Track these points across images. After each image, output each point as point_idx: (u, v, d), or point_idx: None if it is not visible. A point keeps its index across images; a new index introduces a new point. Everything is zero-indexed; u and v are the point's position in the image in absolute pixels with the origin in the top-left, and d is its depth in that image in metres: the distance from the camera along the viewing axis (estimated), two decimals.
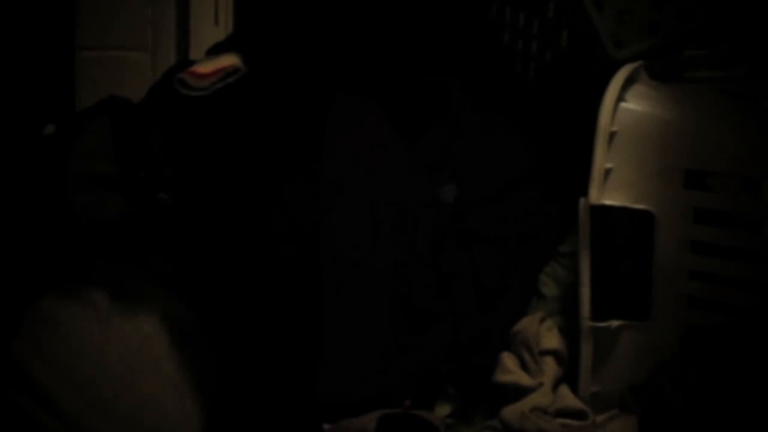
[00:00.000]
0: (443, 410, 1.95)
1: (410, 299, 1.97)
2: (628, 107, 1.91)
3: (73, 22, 2.34)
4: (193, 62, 2.15)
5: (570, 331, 1.98)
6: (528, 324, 1.95)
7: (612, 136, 1.89)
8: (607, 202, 1.89)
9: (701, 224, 1.90)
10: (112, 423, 1.93)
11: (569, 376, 1.95)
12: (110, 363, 1.96)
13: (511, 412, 1.85)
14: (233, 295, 1.96)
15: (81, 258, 2.04)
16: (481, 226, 2.02)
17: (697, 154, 1.89)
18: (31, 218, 2.04)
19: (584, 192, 1.93)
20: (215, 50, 2.18)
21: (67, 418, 1.93)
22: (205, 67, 2.09)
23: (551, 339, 1.93)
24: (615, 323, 1.92)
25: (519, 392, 1.91)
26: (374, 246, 2.00)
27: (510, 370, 1.93)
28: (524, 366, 1.93)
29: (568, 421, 1.88)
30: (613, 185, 1.90)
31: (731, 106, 1.96)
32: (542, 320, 1.96)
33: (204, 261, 1.99)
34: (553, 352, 1.93)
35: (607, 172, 1.89)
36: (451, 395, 1.97)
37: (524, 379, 1.92)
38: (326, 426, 1.86)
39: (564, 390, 1.92)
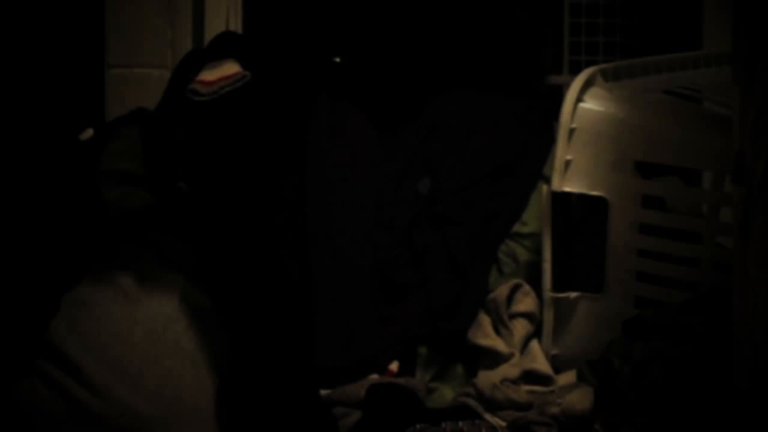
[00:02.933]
0: (426, 376, 1.95)
1: (388, 274, 1.98)
2: (585, 107, 1.93)
3: (102, 43, 2.34)
4: (198, 59, 2.18)
5: None
6: (499, 292, 1.96)
7: (572, 132, 1.91)
8: (567, 189, 1.92)
9: (649, 209, 1.92)
10: (137, 394, 1.93)
11: None
12: (137, 341, 1.96)
13: (484, 382, 1.86)
14: (240, 274, 1.96)
15: (111, 247, 2.04)
16: (451, 210, 2.03)
17: (646, 147, 1.91)
18: (69, 211, 2.05)
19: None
20: (197, 57, 2.20)
21: (98, 390, 1.92)
22: (211, 76, 2.11)
23: (527, 302, 1.94)
24: (573, 295, 1.95)
25: (494, 357, 1.92)
26: (356, 232, 2.00)
27: (488, 334, 1.93)
28: (496, 329, 1.94)
29: (534, 387, 1.88)
30: (572, 175, 1.92)
31: (676, 106, 1.98)
32: (516, 287, 1.97)
33: (215, 241, 1.99)
34: (526, 314, 1.94)
35: (568, 163, 1.91)
36: (430, 361, 1.96)
37: (500, 346, 1.92)
38: (323, 391, 1.86)
39: (535, 348, 1.93)
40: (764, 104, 1.39)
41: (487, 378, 1.87)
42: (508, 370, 1.89)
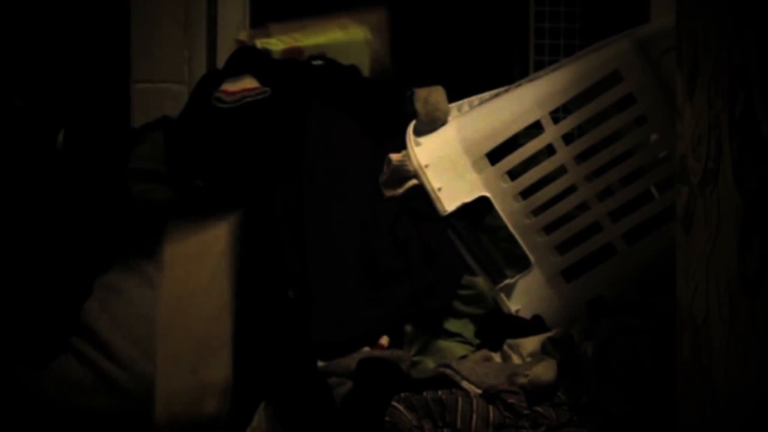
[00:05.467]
0: (412, 351, 1.94)
1: (375, 263, 1.96)
2: (422, 146, 2.01)
3: (128, 62, 2.35)
4: (216, 76, 2.17)
5: None
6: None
7: (427, 167, 1.98)
8: (452, 208, 1.97)
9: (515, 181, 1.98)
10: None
11: None
12: (159, 322, 1.96)
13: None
14: (247, 263, 1.94)
15: (137, 237, 2.03)
16: (425, 207, 2.00)
17: (482, 141, 1.98)
18: (101, 204, 2.06)
19: None
20: (217, 74, 2.19)
21: (124, 364, 1.91)
22: (233, 87, 2.10)
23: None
24: (511, 280, 1.97)
25: None
26: (347, 226, 1.99)
27: None
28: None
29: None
30: (449, 195, 1.98)
31: (482, 103, 2.08)
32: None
33: None
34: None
35: (441, 189, 1.98)
36: (415, 338, 1.95)
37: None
38: (320, 363, 1.85)
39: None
40: (703, 115, 1.38)
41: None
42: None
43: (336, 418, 1.75)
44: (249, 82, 2.11)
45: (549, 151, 1.98)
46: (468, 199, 1.97)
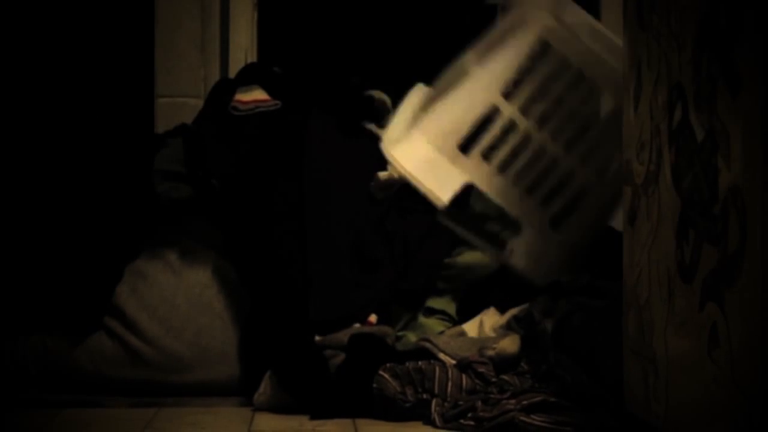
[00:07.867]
0: (396, 327, 1.93)
1: (364, 252, 1.96)
2: (401, 157, 1.92)
3: (152, 79, 2.35)
4: (228, 85, 2.16)
5: None
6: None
7: (413, 171, 1.90)
8: (447, 199, 1.89)
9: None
10: (180, 343, 1.92)
11: None
12: (180, 303, 1.95)
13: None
14: (256, 252, 1.94)
15: (160, 229, 2.03)
16: (410, 202, 1.99)
17: (448, 138, 1.90)
18: (130, 201, 2.07)
19: None
20: (228, 84, 2.17)
21: (150, 340, 1.92)
22: (246, 98, 2.08)
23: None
24: (510, 248, 1.92)
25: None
26: (341, 221, 1.98)
27: None
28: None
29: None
30: (441, 190, 1.89)
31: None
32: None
33: (238, 226, 1.97)
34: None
35: (432, 187, 1.89)
36: (400, 315, 1.95)
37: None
38: (317, 338, 1.84)
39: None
40: (645, 125, 1.38)
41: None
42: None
43: (331, 385, 1.74)
44: (259, 94, 2.10)
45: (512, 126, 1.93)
46: (457, 188, 1.89)
